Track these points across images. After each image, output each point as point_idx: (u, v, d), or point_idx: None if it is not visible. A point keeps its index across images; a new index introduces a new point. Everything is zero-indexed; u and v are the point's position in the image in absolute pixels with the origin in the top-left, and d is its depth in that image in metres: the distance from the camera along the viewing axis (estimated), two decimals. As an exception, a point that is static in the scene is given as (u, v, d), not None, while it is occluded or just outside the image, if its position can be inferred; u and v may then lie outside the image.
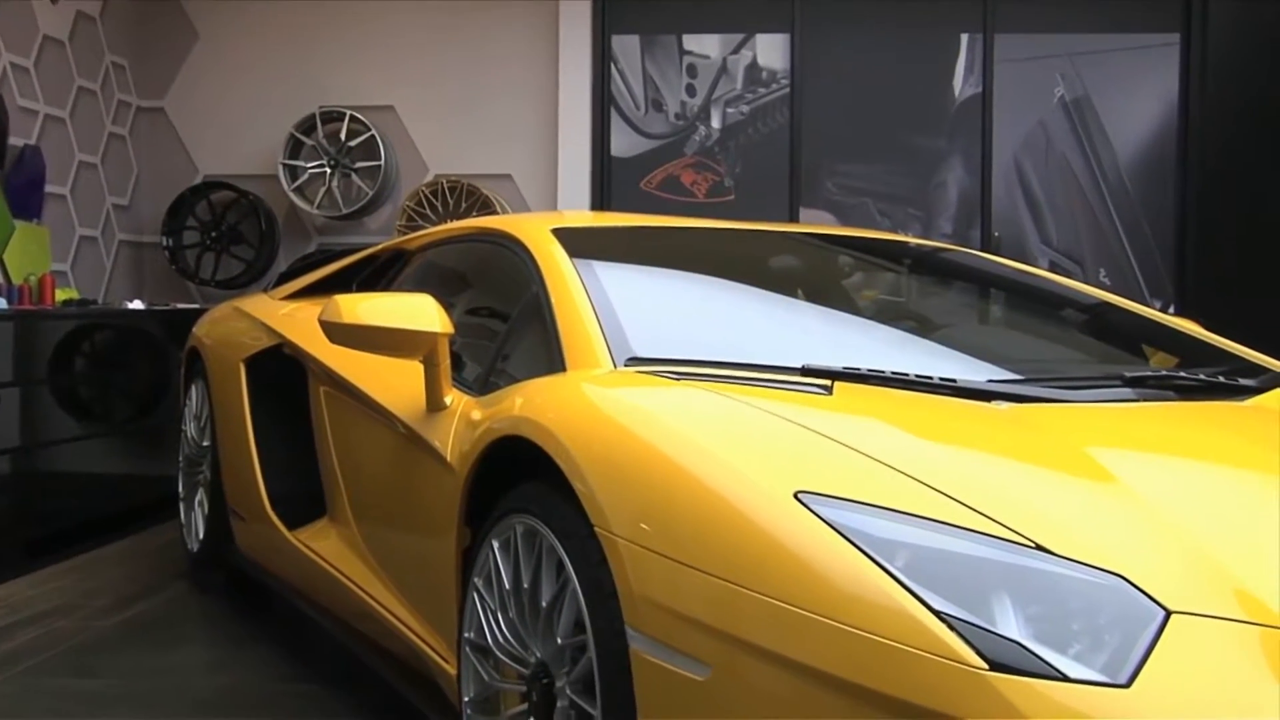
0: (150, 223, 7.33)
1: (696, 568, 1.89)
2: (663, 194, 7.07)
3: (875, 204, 6.94)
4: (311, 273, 4.56)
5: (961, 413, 2.37)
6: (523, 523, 2.30)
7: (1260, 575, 1.86)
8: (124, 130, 7.19)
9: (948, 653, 1.65)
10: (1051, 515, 1.91)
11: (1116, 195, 6.84)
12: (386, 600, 3.11)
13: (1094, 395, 2.59)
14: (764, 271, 3.52)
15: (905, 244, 4.30)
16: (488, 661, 2.42)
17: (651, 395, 2.31)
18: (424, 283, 3.80)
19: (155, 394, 5.96)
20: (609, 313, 2.73)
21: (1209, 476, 2.28)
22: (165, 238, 7.15)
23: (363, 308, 2.91)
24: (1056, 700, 1.61)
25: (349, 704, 3.31)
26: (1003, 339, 3.56)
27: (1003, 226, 6.86)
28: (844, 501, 1.85)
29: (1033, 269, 3.99)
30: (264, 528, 3.89)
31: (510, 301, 3.20)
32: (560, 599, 2.16)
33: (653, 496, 2.01)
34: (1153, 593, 1.76)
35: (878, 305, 3.62)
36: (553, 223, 3.34)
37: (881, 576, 1.74)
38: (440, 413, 2.87)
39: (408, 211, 6.92)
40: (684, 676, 1.87)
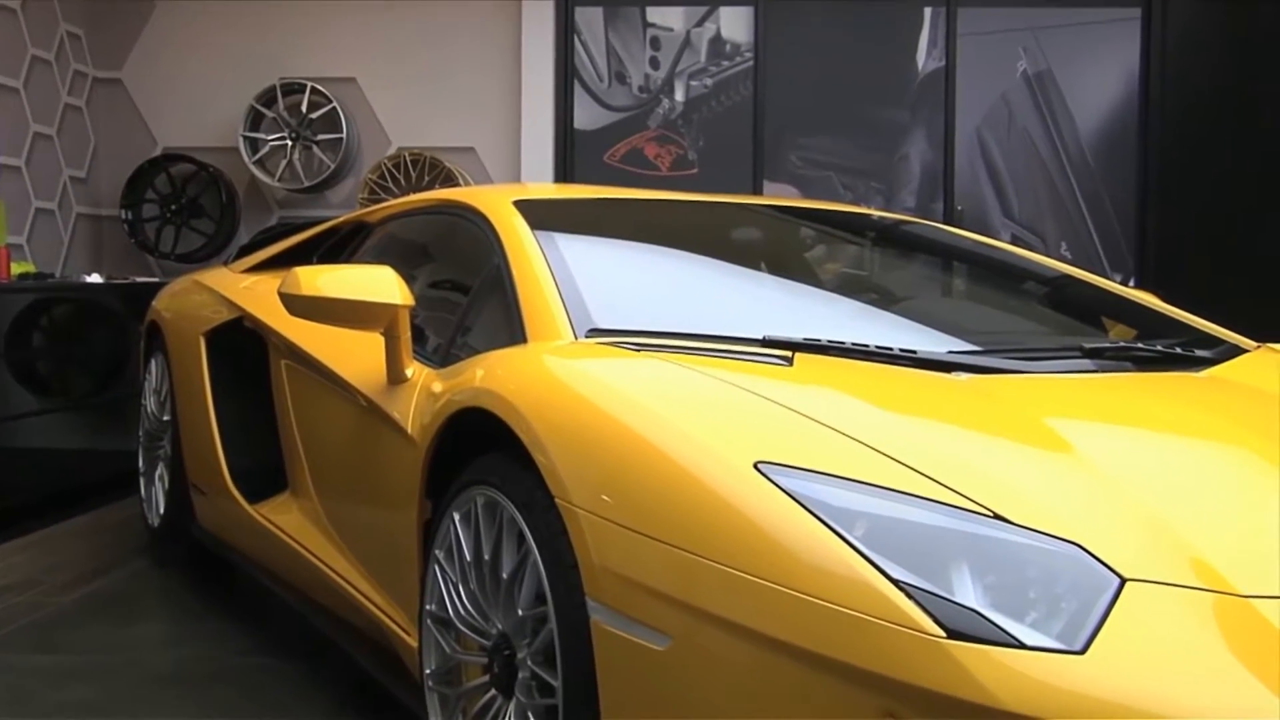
0: (109, 195, 7.24)
1: (656, 538, 1.89)
2: (626, 167, 7.05)
3: (839, 177, 6.95)
4: (272, 246, 4.52)
5: (921, 383, 2.38)
6: (483, 495, 2.29)
7: (1214, 543, 1.88)
8: (80, 101, 7.10)
9: (906, 621, 1.66)
10: (1009, 485, 1.92)
11: (1078, 169, 6.88)
12: (348, 573, 3.10)
13: (1053, 366, 2.60)
14: (726, 243, 3.52)
15: (868, 216, 4.31)
16: (449, 634, 2.41)
17: (612, 366, 2.31)
18: (385, 255, 3.78)
19: (114, 368, 5.91)
20: (570, 284, 2.72)
21: (1165, 447, 2.30)
22: (124, 211, 7.07)
23: (323, 280, 2.89)
24: (1012, 667, 1.63)
25: (310, 677, 3.31)
26: (964, 311, 3.57)
27: (965, 200, 6.88)
28: (803, 471, 1.85)
29: (995, 242, 4.01)
30: (225, 502, 3.87)
31: (472, 274, 3.19)
32: (521, 570, 2.16)
33: (613, 467, 2.01)
34: (1108, 560, 1.77)
35: (840, 277, 3.63)
36: (514, 194, 3.33)
37: (840, 546, 1.74)
38: (401, 385, 2.86)
39: (370, 184, 6.87)
40: (644, 647, 1.88)
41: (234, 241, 6.98)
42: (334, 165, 6.93)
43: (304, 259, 4.14)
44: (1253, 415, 2.46)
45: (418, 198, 3.90)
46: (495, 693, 2.25)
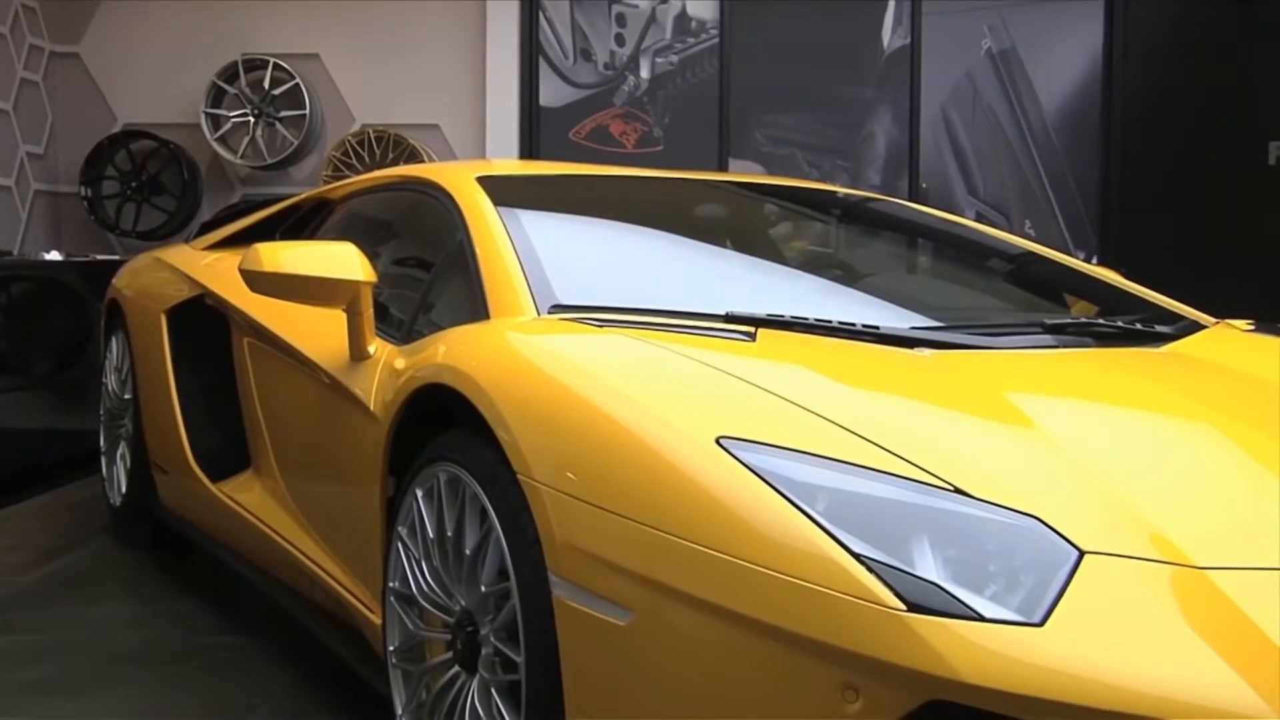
0: (67, 172, 7.16)
1: (619, 513, 1.89)
2: (591, 144, 7.03)
3: (804, 155, 6.95)
4: (234, 223, 4.48)
5: (883, 359, 2.39)
6: (446, 471, 2.29)
7: (1171, 516, 1.90)
8: (37, 76, 7.01)
9: (866, 594, 1.67)
10: (970, 459, 1.93)
11: (1042, 147, 6.91)
12: (311, 551, 3.09)
13: (1015, 342, 2.62)
14: (690, 220, 3.52)
15: (833, 193, 4.31)
16: (412, 610, 2.41)
17: (574, 342, 2.30)
18: (348, 232, 3.75)
19: (75, 347, 5.85)
20: (533, 260, 2.71)
21: (1125, 422, 2.32)
22: (83, 187, 7.00)
23: (284, 256, 2.87)
24: (972, 640, 1.64)
25: (273, 656, 3.30)
26: (928, 288, 3.58)
27: (930, 178, 6.90)
28: (765, 446, 1.86)
29: (959, 219, 4.02)
30: (187, 481, 3.85)
31: (435, 250, 3.17)
32: (484, 547, 2.16)
33: (575, 443, 2.01)
34: (1067, 534, 1.78)
35: (804, 254, 3.64)
36: (478, 170, 3.31)
37: (802, 520, 1.75)
38: (363, 362, 2.84)
39: (334, 161, 6.82)
40: (606, 622, 1.88)
41: (196, 219, 6.92)
42: (297, 142, 6.88)
43: (266, 236, 4.11)
44: (1211, 390, 2.49)
45: (381, 174, 3.88)
46: (459, 669, 2.25)
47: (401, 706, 2.43)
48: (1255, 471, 2.14)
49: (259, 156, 6.94)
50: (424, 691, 2.36)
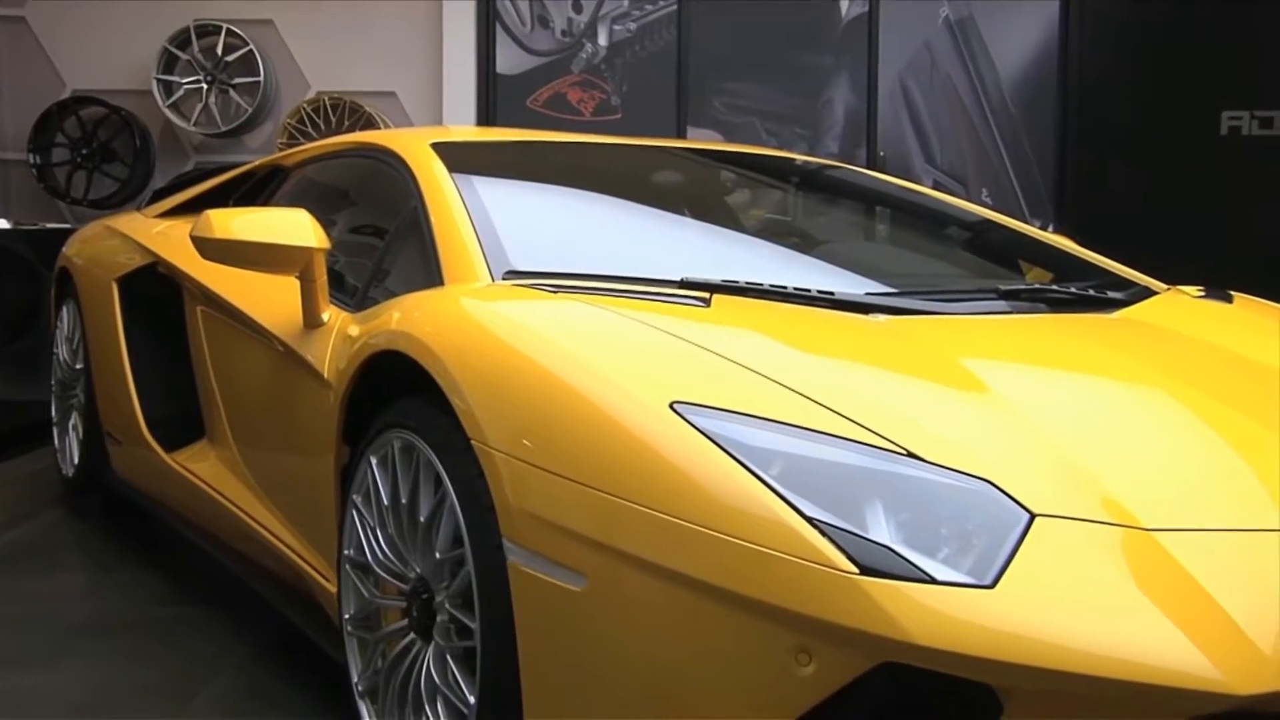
0: (14, 139, 7.05)
1: (573, 479, 1.89)
2: (549, 112, 6.99)
3: (762, 123, 6.94)
4: (186, 190, 4.43)
5: (838, 324, 2.40)
6: (400, 438, 2.28)
7: (1123, 480, 1.92)
8: (-17, 41, 6.89)
9: (819, 558, 1.68)
10: (923, 424, 1.94)
11: (999, 115, 6.93)
12: (267, 520, 3.08)
13: (969, 308, 2.63)
14: (647, 187, 3.51)
15: (791, 161, 4.31)
16: (368, 578, 2.40)
17: (528, 308, 2.29)
18: (302, 199, 3.71)
19: (25, 316, 5.77)
20: (487, 226, 2.70)
21: (1077, 386, 2.34)
22: (32, 155, 6.89)
23: (236, 223, 2.85)
24: (923, 602, 1.65)
25: (229, 626, 3.28)
26: (884, 254, 3.60)
27: (888, 146, 6.91)
28: (719, 411, 1.86)
29: (916, 187, 4.03)
30: (141, 451, 3.81)
31: (390, 217, 3.15)
32: (438, 514, 2.15)
33: (529, 409, 2.01)
34: (1018, 497, 1.80)
35: (761, 221, 3.63)
36: (433, 137, 3.29)
37: (756, 485, 1.75)
38: (318, 330, 2.83)
39: (289, 129, 6.75)
40: (561, 587, 1.88)
41: (149, 186, 6.83)
42: (251, 109, 6.80)
43: (219, 203, 4.06)
44: (1161, 355, 2.51)
45: (335, 141, 3.85)
46: (414, 636, 2.24)
47: (357, 674, 2.43)
48: (1205, 435, 2.17)
49: (213, 124, 6.85)
50: (380, 659, 2.36)
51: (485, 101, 6.97)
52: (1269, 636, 1.69)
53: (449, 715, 2.12)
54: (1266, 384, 2.42)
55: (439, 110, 6.94)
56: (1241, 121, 6.74)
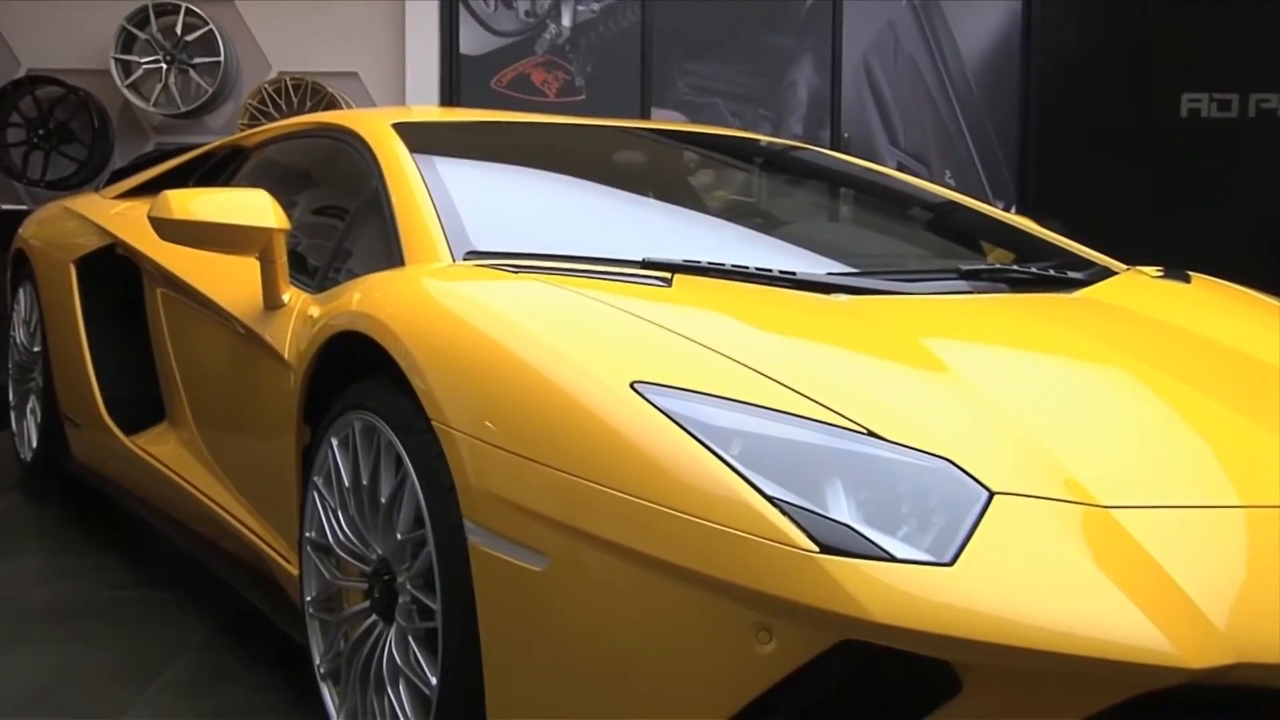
0: (-30, 120, 6.96)
1: (534, 459, 1.89)
2: (513, 93, 6.96)
3: (726, 104, 6.94)
4: (145, 171, 4.39)
5: (799, 304, 2.40)
6: (361, 419, 2.27)
7: (1082, 458, 1.94)
8: (-64, 20, 6.79)
9: (779, 537, 1.68)
10: (883, 402, 1.95)
11: (962, 97, 6.95)
12: (228, 503, 3.06)
13: (930, 287, 2.64)
14: (609, 167, 3.50)
15: (755, 142, 4.31)
16: (329, 560, 2.39)
17: (489, 289, 2.29)
18: (263, 180, 3.68)
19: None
20: (449, 207, 2.69)
21: (1036, 365, 2.35)
22: (-14, 136, 6.81)
23: (195, 203, 2.83)
24: (883, 580, 1.66)
25: (189, 610, 3.26)
26: (847, 235, 3.60)
27: (852, 127, 6.92)
28: (679, 391, 1.86)
29: (880, 168, 4.04)
30: (100, 434, 3.78)
31: (351, 198, 3.14)
32: (399, 494, 2.14)
33: (489, 389, 2.00)
34: (978, 475, 1.81)
35: (724, 202, 3.63)
36: (394, 117, 3.27)
37: (716, 464, 1.76)
38: (278, 311, 2.81)
39: (250, 110, 6.69)
40: (522, 568, 1.88)
41: (108, 168, 6.75)
42: (212, 90, 6.74)
43: (179, 184, 4.01)
44: (1120, 334, 2.53)
45: (295, 121, 3.82)
46: (376, 618, 2.24)
47: (319, 656, 2.42)
48: (1163, 413, 2.19)
49: (172, 104, 6.78)
50: (342, 641, 2.35)
51: (448, 82, 6.93)
52: (1223, 612, 1.71)
53: (411, 696, 2.12)
54: (1223, 363, 2.45)
55: (402, 91, 6.90)
56: (1201, 104, 6.79)
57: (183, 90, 6.79)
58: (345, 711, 2.31)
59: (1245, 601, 1.75)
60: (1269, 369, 2.43)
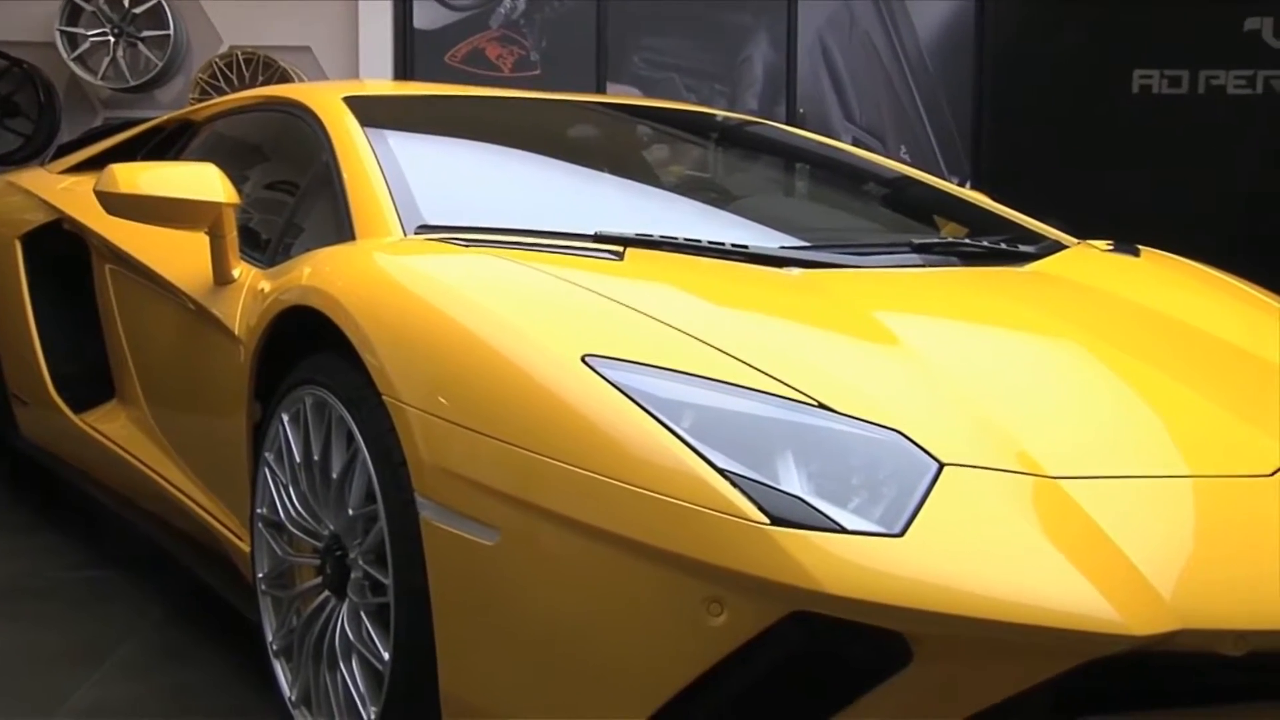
0: (-87, 94, 6.83)
1: (485, 433, 1.88)
2: (468, 68, 6.91)
3: (681, 79, 6.92)
4: (92, 145, 4.32)
5: (752, 278, 2.40)
6: (312, 394, 2.25)
7: (1032, 429, 1.96)
8: (-124, -9, 6.65)
9: (730, 509, 1.69)
10: (835, 375, 1.96)
11: (917, 73, 6.97)
12: (179, 481, 3.04)
13: (882, 261, 2.65)
14: (563, 142, 3.48)
15: (711, 117, 4.31)
16: (281, 536, 2.38)
17: (440, 262, 2.28)
18: (213, 154, 3.63)
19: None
20: (400, 180, 2.67)
21: (987, 338, 2.37)
22: (-69, 110, 6.68)
23: (142, 177, 2.80)
24: (833, 552, 1.67)
25: (141, 588, 3.24)
26: (801, 209, 3.61)
27: (807, 103, 6.92)
28: (630, 364, 1.86)
29: (836, 143, 4.05)
30: (48, 412, 3.73)
31: (301, 172, 3.11)
32: (350, 470, 2.13)
33: (440, 364, 1.99)
34: (927, 446, 1.82)
35: (679, 176, 3.63)
36: (345, 90, 3.25)
37: (667, 437, 1.76)
38: (228, 286, 2.78)
39: (201, 84, 6.61)
40: (473, 542, 1.87)
41: (56, 142, 6.65)
42: (161, 64, 6.64)
43: (126, 159, 3.96)
44: (1069, 307, 2.55)
45: (246, 95, 3.78)
46: (328, 594, 2.23)
47: (272, 633, 2.41)
48: (1111, 384, 2.21)
49: (121, 78, 6.68)
50: (294, 617, 2.34)
51: (402, 57, 6.87)
52: (1168, 580, 1.73)
53: (364, 672, 2.11)
54: (1171, 335, 2.47)
55: (355, 66, 6.83)
56: (1152, 80, 6.84)
57: (131, 64, 6.69)
58: (298, 688, 2.31)
59: (1190, 569, 1.77)
60: (1215, 341, 2.46)
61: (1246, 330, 2.55)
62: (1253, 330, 2.56)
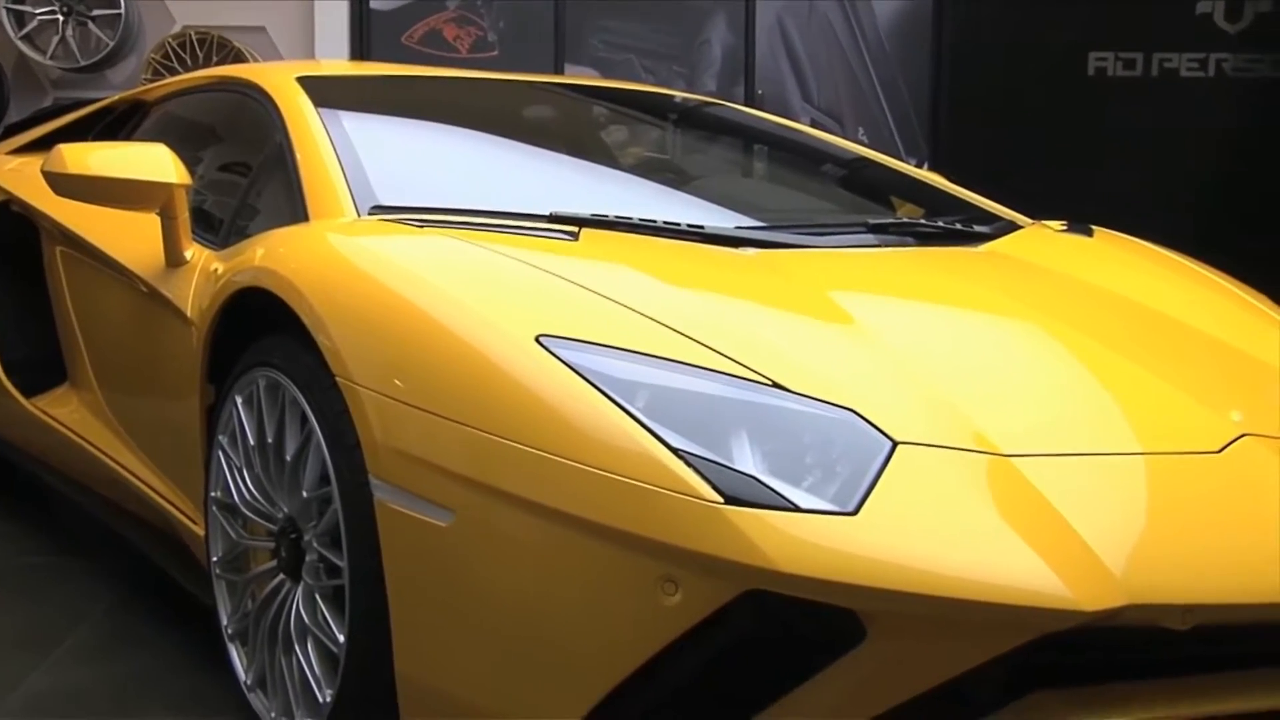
0: None
1: (440, 414, 1.88)
2: (424, 49, 6.86)
3: (640, 60, 6.90)
4: (41, 125, 4.26)
5: (707, 258, 2.40)
6: (265, 376, 2.24)
7: (984, 407, 1.97)
8: None
9: (684, 488, 1.69)
10: (789, 355, 1.96)
11: (875, 55, 6.98)
12: (132, 465, 3.01)
13: (838, 241, 2.66)
14: (519, 122, 3.47)
15: (670, 98, 4.31)
16: (235, 520, 2.36)
17: (394, 243, 2.26)
18: (165, 135, 3.57)
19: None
20: (353, 161, 2.65)
21: (941, 317, 2.39)
22: (-125, 90, 6.57)
23: (92, 158, 2.77)
24: (787, 530, 1.67)
25: (94, 574, 3.21)
26: (758, 190, 3.61)
27: (766, 85, 6.92)
28: (585, 344, 1.86)
29: (794, 124, 4.05)
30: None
31: (255, 153, 3.08)
32: (304, 452, 2.12)
33: (395, 345, 1.99)
34: (881, 425, 1.83)
35: (636, 157, 3.62)
36: (299, 71, 3.22)
37: (621, 417, 1.76)
38: (180, 268, 2.76)
39: (153, 65, 6.54)
40: (428, 523, 1.87)
41: (4, 122, 6.56)
42: (112, 43, 6.55)
43: (77, 139, 3.91)
44: (1022, 286, 2.57)
45: (198, 75, 3.74)
46: (283, 577, 2.22)
47: (227, 617, 2.40)
48: (1065, 363, 2.23)
49: (70, 58, 6.59)
50: (249, 601, 2.33)
51: (358, 37, 6.81)
52: (1118, 555, 1.75)
53: (319, 655, 2.10)
54: (1124, 314, 2.50)
55: (311, 46, 6.77)
56: (1107, 63, 6.89)
57: (82, 43, 6.60)
58: (253, 671, 2.29)
59: (1139, 545, 1.79)
60: (1167, 320, 2.48)
61: (1197, 309, 2.57)
62: (1203, 309, 2.59)
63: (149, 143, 2.82)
